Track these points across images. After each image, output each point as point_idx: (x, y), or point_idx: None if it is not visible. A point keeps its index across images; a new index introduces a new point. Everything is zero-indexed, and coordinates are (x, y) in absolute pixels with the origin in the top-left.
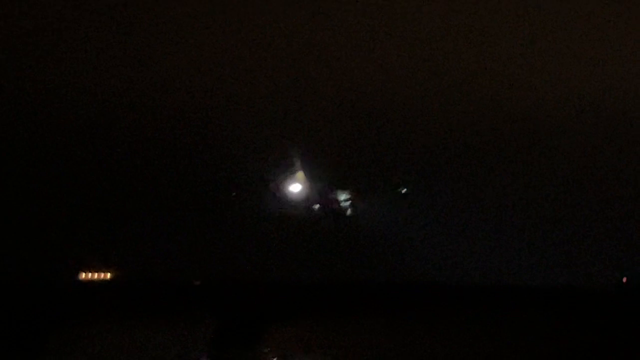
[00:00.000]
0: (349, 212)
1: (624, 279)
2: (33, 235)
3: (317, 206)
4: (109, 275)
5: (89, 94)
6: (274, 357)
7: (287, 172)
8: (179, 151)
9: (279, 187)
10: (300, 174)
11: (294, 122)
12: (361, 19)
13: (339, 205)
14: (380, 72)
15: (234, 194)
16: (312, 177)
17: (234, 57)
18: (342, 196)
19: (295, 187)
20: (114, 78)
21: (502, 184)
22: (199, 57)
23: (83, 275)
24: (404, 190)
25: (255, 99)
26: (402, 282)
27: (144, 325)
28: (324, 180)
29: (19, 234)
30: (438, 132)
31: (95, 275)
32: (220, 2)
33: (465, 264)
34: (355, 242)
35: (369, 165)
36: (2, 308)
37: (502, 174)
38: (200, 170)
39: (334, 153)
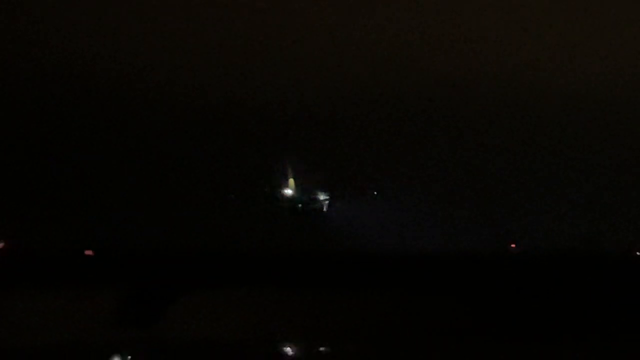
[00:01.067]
0: (324, 209)
1: (512, 245)
2: None
3: (300, 205)
4: None
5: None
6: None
7: (282, 179)
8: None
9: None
10: (291, 181)
11: (287, 141)
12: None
13: (319, 204)
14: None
15: (232, 195)
16: (300, 183)
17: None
18: (321, 197)
19: (288, 191)
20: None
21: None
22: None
23: None
24: (374, 193)
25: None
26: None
27: (34, 297)
28: (309, 186)
29: None
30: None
31: None
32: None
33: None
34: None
35: (344, 175)
36: None
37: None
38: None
39: (318, 165)
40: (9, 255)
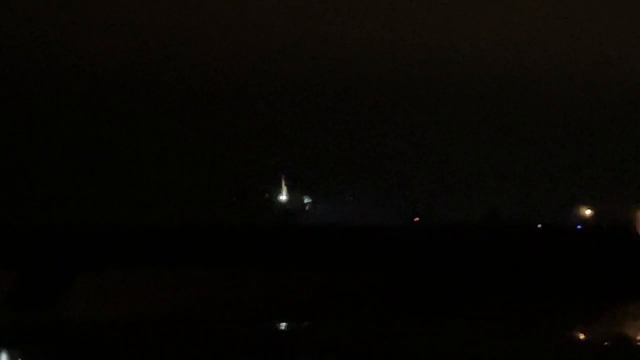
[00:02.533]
0: (307, 209)
1: (416, 219)
2: None
3: (288, 207)
4: None
5: None
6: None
7: (278, 187)
8: None
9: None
10: (284, 188)
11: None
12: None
13: (304, 206)
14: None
15: (234, 199)
16: (290, 190)
17: None
18: (306, 201)
19: (283, 197)
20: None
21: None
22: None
23: None
24: (350, 198)
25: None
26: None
27: None
28: (297, 192)
29: None
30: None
31: None
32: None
33: None
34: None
35: (327, 182)
36: None
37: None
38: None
39: (307, 176)
40: None
